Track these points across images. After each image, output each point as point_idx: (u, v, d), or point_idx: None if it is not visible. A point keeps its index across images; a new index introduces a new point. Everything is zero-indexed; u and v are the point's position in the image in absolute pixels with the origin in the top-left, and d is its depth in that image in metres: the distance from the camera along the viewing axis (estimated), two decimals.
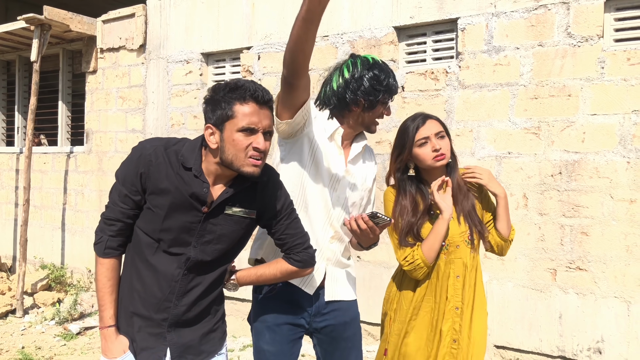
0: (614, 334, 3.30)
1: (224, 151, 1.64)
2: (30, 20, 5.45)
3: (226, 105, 1.61)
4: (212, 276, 1.77)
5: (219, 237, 1.73)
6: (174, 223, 1.68)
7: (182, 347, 1.77)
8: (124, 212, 1.72)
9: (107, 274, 1.73)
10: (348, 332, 2.12)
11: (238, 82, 1.65)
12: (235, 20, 4.86)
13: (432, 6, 3.88)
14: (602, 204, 3.32)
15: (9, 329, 5.02)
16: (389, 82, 1.97)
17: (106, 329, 1.73)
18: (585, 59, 3.37)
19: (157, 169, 1.67)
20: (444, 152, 2.03)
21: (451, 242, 2.04)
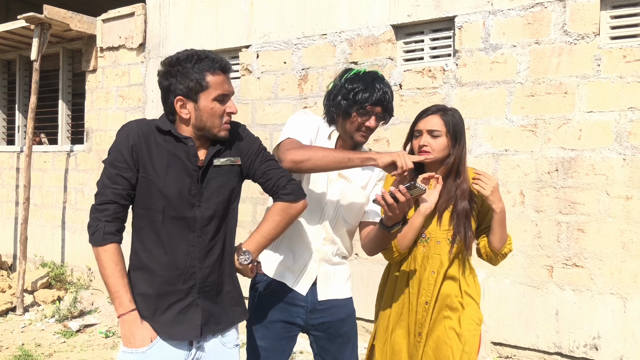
0: (610, 331, 3.31)
1: (200, 119, 1.73)
2: (31, 19, 5.47)
3: (198, 75, 1.69)
4: (223, 233, 1.82)
5: (217, 190, 1.78)
6: (176, 185, 1.72)
7: (208, 314, 1.79)
8: (116, 192, 1.70)
9: (113, 259, 1.69)
10: (344, 328, 2.16)
11: (200, 53, 1.74)
12: (234, 19, 4.88)
13: (430, 4, 3.90)
14: (599, 201, 3.34)
15: (9, 326, 5.05)
16: (362, 96, 1.99)
17: (128, 314, 1.69)
18: (582, 57, 3.38)
19: (146, 139, 1.73)
20: (428, 149, 2.04)
21: (432, 236, 2.06)
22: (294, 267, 2.09)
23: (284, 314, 2.07)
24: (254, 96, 4.76)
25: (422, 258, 2.08)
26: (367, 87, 2.01)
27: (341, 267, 2.19)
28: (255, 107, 4.76)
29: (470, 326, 2.06)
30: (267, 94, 4.69)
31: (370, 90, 2.01)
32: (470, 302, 2.09)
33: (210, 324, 1.80)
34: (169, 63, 1.74)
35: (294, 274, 2.09)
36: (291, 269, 2.09)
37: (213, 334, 1.82)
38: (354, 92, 2.01)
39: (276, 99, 4.62)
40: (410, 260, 2.10)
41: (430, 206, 2.03)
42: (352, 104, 2.01)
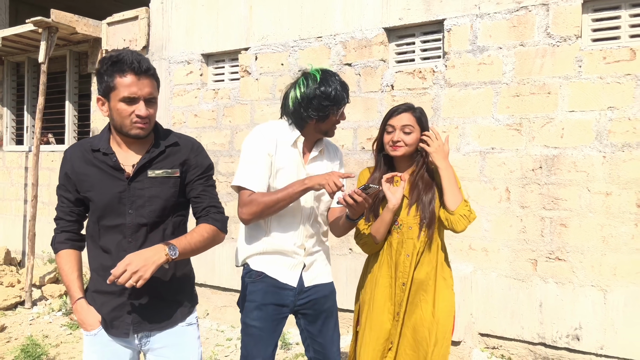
0: (591, 321, 3.45)
1: (113, 119, 1.87)
2: (38, 23, 5.66)
3: (108, 77, 1.80)
4: (157, 238, 1.91)
5: (149, 199, 1.89)
6: (105, 197, 1.87)
7: (142, 314, 1.92)
8: (62, 209, 1.97)
9: (63, 260, 1.95)
10: (327, 304, 2.41)
11: (119, 54, 1.82)
12: (234, 22, 5.05)
13: (420, 8, 4.04)
14: (580, 197, 3.47)
15: (18, 319, 5.24)
16: (336, 95, 2.20)
17: (76, 302, 1.91)
18: (564, 58, 3.51)
19: (76, 161, 1.91)
20: (400, 145, 2.23)
21: (404, 223, 2.24)
22: (283, 265, 2.30)
23: (275, 297, 2.28)
24: (252, 97, 4.92)
25: (397, 244, 2.27)
26: (336, 87, 2.21)
27: (322, 252, 2.42)
28: (254, 107, 4.92)
29: (445, 308, 2.23)
30: (265, 94, 4.85)
31: (340, 89, 2.22)
32: (445, 286, 2.26)
33: (145, 323, 1.93)
34: (98, 62, 1.89)
35: (284, 270, 2.30)
36: (281, 267, 2.30)
37: (151, 330, 1.95)
38: (333, 95, 2.19)
39: (274, 99, 4.78)
40: (387, 247, 2.29)
41: (396, 202, 2.21)
42: (331, 105, 2.20)
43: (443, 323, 2.22)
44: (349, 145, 4.39)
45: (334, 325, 2.43)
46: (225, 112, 5.14)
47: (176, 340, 1.99)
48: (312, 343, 2.41)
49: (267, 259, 2.31)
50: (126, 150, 1.91)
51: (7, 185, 7.18)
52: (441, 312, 2.23)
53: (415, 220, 2.25)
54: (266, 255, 2.31)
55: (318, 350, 2.41)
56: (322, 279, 2.39)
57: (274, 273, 2.29)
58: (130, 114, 1.81)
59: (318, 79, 2.21)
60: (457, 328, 3.71)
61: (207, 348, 4.39)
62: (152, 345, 1.98)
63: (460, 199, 2.22)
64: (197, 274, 5.38)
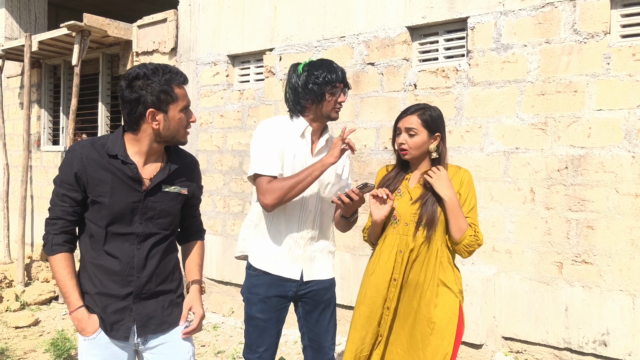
0: (619, 327, 3.33)
1: (168, 129, 1.91)
2: (72, 27, 5.85)
3: (168, 89, 1.86)
4: (163, 246, 2.00)
5: (159, 213, 1.97)
6: (119, 205, 1.89)
7: (146, 318, 1.97)
8: (63, 209, 1.90)
9: (62, 264, 1.90)
10: (327, 295, 2.47)
11: (165, 67, 1.89)
12: (259, 23, 5.09)
13: (443, 6, 3.99)
14: (608, 198, 3.36)
15: (51, 313, 5.43)
16: (325, 76, 2.25)
17: (76, 310, 1.90)
18: (591, 55, 3.41)
19: (90, 163, 1.89)
20: (405, 148, 2.23)
21: (402, 218, 2.23)
22: (285, 261, 2.36)
23: (278, 289, 2.35)
24: (277, 97, 4.95)
25: (392, 239, 2.26)
26: (329, 69, 2.28)
27: (325, 246, 2.46)
28: (278, 107, 4.95)
29: (443, 315, 2.17)
30: None
31: (334, 70, 2.29)
32: (446, 291, 2.20)
33: (150, 325, 1.99)
34: (135, 77, 1.86)
35: (286, 264, 2.35)
36: (283, 262, 2.36)
37: (154, 333, 2.01)
38: (322, 75, 2.26)
39: None
40: (382, 241, 2.31)
41: (377, 218, 2.23)
42: (323, 85, 2.26)
43: (440, 331, 2.15)
44: (371, 145, 4.37)
45: (330, 315, 2.49)
46: (250, 112, 5.19)
47: (172, 337, 2.05)
48: (307, 331, 2.48)
49: (268, 254, 2.36)
50: (145, 160, 1.96)
51: (44, 184, 7.44)
52: (439, 319, 2.16)
53: (413, 218, 2.22)
54: (268, 251, 2.36)
55: (313, 339, 2.48)
56: (324, 275, 2.44)
57: (276, 270, 2.34)
58: (187, 122, 1.95)
59: (306, 65, 2.32)
60: (479, 331, 3.65)
61: (230, 346, 4.45)
62: (149, 345, 2.03)
63: (464, 227, 2.16)
64: (223, 273, 5.47)
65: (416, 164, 2.31)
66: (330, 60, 2.39)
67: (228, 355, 4.22)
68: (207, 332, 4.82)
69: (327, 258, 2.48)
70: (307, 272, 2.38)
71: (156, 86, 1.85)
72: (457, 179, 2.25)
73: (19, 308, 5.52)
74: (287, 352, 4.29)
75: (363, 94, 4.42)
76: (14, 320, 4.99)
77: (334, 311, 2.53)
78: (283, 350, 4.35)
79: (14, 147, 7.80)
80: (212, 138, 5.50)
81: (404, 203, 2.26)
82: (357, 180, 4.44)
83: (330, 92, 2.28)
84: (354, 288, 4.32)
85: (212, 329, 4.90)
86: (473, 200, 2.23)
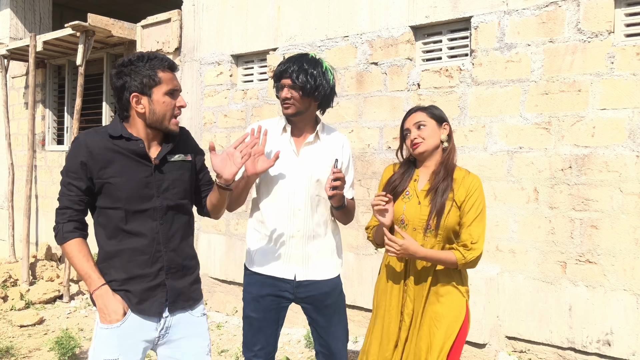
0: (623, 327, 3.33)
1: (154, 113, 1.92)
2: (76, 27, 5.87)
3: (151, 73, 1.89)
4: (183, 219, 2.05)
5: (173, 182, 2.00)
6: (131, 182, 1.92)
7: (176, 293, 2.00)
8: (70, 198, 1.93)
9: (76, 249, 1.92)
10: (328, 300, 2.40)
11: (149, 54, 1.93)
12: (262, 23, 5.10)
13: (447, 5, 3.99)
14: (612, 198, 3.36)
15: (56, 312, 5.45)
16: (277, 69, 2.32)
17: (99, 288, 1.89)
18: (595, 55, 3.40)
19: (96, 148, 1.91)
20: (417, 141, 2.22)
21: (409, 223, 2.21)
22: (277, 261, 2.34)
23: (273, 288, 2.34)
24: None
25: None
26: (281, 63, 2.31)
27: (323, 245, 2.40)
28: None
29: (450, 313, 2.18)
30: None
31: (281, 66, 2.31)
32: (453, 290, 2.21)
33: (179, 301, 2.01)
34: (121, 64, 1.92)
35: (278, 265, 2.34)
36: (275, 261, 2.34)
37: (183, 309, 2.04)
38: (275, 70, 2.34)
39: None
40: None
41: (388, 221, 2.20)
42: (275, 79, 2.34)
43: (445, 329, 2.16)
44: (374, 145, 4.38)
45: (337, 321, 2.45)
46: (253, 112, 5.20)
47: (193, 331, 2.07)
48: (317, 337, 2.47)
49: (260, 254, 2.36)
50: (147, 142, 1.99)
51: (48, 183, 7.47)
52: (445, 317, 2.17)
53: (420, 223, 2.21)
54: (260, 251, 2.36)
55: (323, 344, 2.46)
56: (321, 275, 2.38)
57: (267, 270, 2.33)
58: (174, 107, 1.95)
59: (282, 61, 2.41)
60: (483, 330, 3.65)
61: (233, 345, 4.46)
62: (170, 337, 2.03)
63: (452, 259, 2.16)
64: (227, 272, 5.47)
65: (426, 163, 2.28)
66: (301, 54, 2.38)
67: (232, 354, 4.23)
68: (210, 331, 4.82)
69: (327, 258, 2.42)
70: (301, 273, 2.35)
71: (140, 71, 1.89)
72: (464, 186, 2.20)
73: (23, 307, 5.54)
74: (291, 352, 4.30)
75: (366, 93, 4.42)
76: (18, 318, 5.01)
77: (342, 316, 2.48)
78: (287, 349, 4.36)
79: (18, 146, 7.83)
80: (216, 138, 5.51)
81: (412, 207, 2.23)
82: (360, 180, 4.44)
83: (276, 87, 2.35)
84: (357, 287, 4.33)
85: (215, 328, 4.91)
86: (480, 207, 2.18)
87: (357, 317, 4.39)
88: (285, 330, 4.69)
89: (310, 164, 2.35)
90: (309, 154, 2.36)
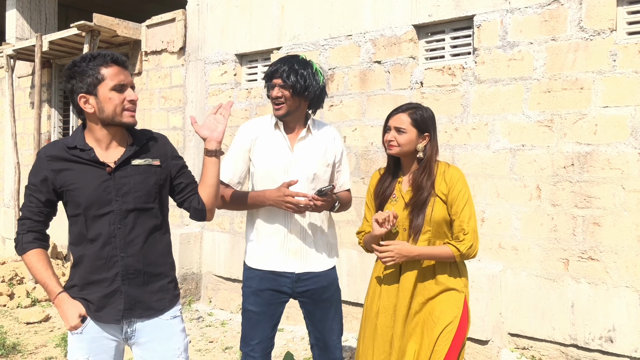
0: (625, 323, 3.34)
1: (103, 111, 1.91)
2: (82, 27, 5.92)
3: (92, 71, 1.88)
4: (148, 225, 2.00)
5: (134, 186, 1.97)
6: (89, 187, 1.91)
7: (133, 300, 1.96)
8: (30, 209, 1.95)
9: (34, 259, 1.92)
10: (326, 294, 2.45)
11: (94, 52, 1.92)
12: (266, 22, 5.13)
13: (449, 4, 4.01)
14: (614, 195, 3.37)
15: None
16: (268, 70, 2.38)
17: (57, 296, 1.90)
18: (598, 52, 3.42)
19: (54, 162, 1.92)
20: (392, 144, 2.26)
21: (399, 224, 2.27)
22: (276, 255, 2.38)
23: (272, 283, 2.37)
24: None
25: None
26: (273, 64, 2.37)
27: (320, 237, 2.46)
28: None
29: (447, 309, 2.20)
30: None
31: (272, 66, 2.36)
32: (449, 286, 2.23)
33: (136, 309, 1.98)
34: (68, 68, 1.92)
35: (277, 259, 2.38)
36: (274, 256, 2.38)
37: (140, 317, 2.00)
38: (266, 73, 2.39)
39: None
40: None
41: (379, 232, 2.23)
42: (266, 79, 2.39)
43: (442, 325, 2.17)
44: (378, 143, 4.40)
45: (333, 314, 2.49)
46: (257, 111, 5.23)
47: (161, 334, 2.03)
48: (313, 330, 2.50)
49: (259, 250, 2.40)
50: (106, 146, 1.97)
51: None
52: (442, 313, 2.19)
53: (403, 225, 2.26)
54: (258, 246, 2.40)
55: (318, 338, 2.49)
56: (319, 267, 2.43)
57: (266, 265, 2.37)
58: (123, 101, 1.91)
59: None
60: (485, 327, 3.67)
61: (237, 342, 4.48)
62: (138, 339, 2.02)
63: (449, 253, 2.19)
64: (231, 270, 5.49)
65: (406, 163, 2.33)
66: (291, 55, 2.44)
67: (236, 351, 4.26)
68: (215, 329, 4.87)
69: (325, 249, 2.47)
70: (300, 266, 2.39)
71: (84, 71, 1.88)
72: (446, 178, 2.23)
73: (29, 304, 5.59)
74: (295, 349, 4.33)
75: (370, 92, 4.45)
76: (25, 316, 5.06)
77: (338, 310, 2.53)
78: (290, 346, 4.38)
79: (24, 146, 7.89)
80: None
81: (399, 209, 2.28)
82: (363, 178, 4.47)
83: (268, 87, 2.39)
84: (360, 285, 4.35)
85: (220, 325, 4.95)
86: (465, 197, 2.20)
87: (360, 315, 4.41)
88: (289, 328, 4.72)
89: (305, 158, 2.40)
90: (303, 149, 2.41)
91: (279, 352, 4.07)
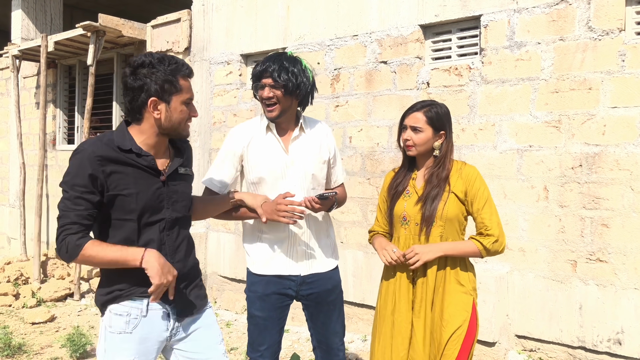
0: (634, 326, 3.31)
1: (170, 120, 1.90)
2: (87, 27, 5.92)
3: (174, 80, 1.86)
4: (185, 232, 2.05)
5: (181, 194, 2.01)
6: (145, 195, 1.88)
7: (181, 305, 1.99)
8: (79, 213, 1.78)
9: (95, 248, 1.78)
10: (330, 297, 2.43)
11: (170, 57, 1.88)
12: (272, 22, 5.12)
13: (456, 4, 3.99)
14: (623, 196, 3.34)
15: (67, 310, 5.50)
16: (255, 70, 2.30)
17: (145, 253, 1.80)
18: (606, 53, 3.39)
19: (107, 162, 1.81)
20: (410, 144, 2.25)
21: (411, 219, 2.25)
22: (280, 258, 2.36)
23: (277, 286, 2.35)
24: None
25: (405, 239, 2.26)
26: (260, 64, 2.29)
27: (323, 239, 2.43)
28: None
29: (456, 312, 2.18)
30: None
31: (260, 65, 2.28)
32: (459, 288, 2.21)
33: (184, 315, 2.02)
34: (140, 64, 1.84)
35: (281, 263, 2.35)
36: (277, 259, 2.36)
37: (192, 316, 2.06)
38: (253, 71, 2.32)
39: None
40: (396, 242, 2.31)
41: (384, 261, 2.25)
42: (252, 81, 2.31)
43: (452, 329, 2.15)
44: (383, 144, 4.38)
45: (337, 317, 2.47)
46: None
47: (201, 323, 2.08)
48: (315, 333, 2.48)
49: (262, 255, 2.36)
50: (157, 153, 1.97)
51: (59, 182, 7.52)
52: (451, 317, 2.17)
53: (415, 219, 2.24)
54: (261, 251, 2.37)
55: (321, 340, 2.47)
56: (322, 267, 2.41)
57: (270, 270, 2.34)
58: (189, 116, 1.93)
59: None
60: (492, 329, 3.65)
61: (242, 343, 4.48)
62: (180, 335, 2.03)
63: (475, 250, 2.20)
64: (236, 270, 5.46)
65: (421, 161, 2.32)
66: (278, 53, 2.37)
67: (241, 352, 4.25)
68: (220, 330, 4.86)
69: (327, 251, 2.45)
70: (305, 268, 2.36)
71: (161, 75, 1.83)
72: (462, 176, 2.23)
73: (35, 304, 5.60)
74: (300, 350, 4.32)
75: (376, 92, 4.43)
76: (30, 316, 5.06)
77: (341, 312, 2.51)
78: (296, 347, 4.37)
79: (29, 146, 7.91)
80: (226, 137, 5.54)
81: (412, 203, 2.26)
82: (369, 179, 4.45)
83: (256, 88, 2.32)
84: (366, 285, 4.33)
85: (225, 326, 4.94)
86: (485, 194, 2.21)
87: (365, 316, 4.40)
88: (295, 329, 4.70)
89: (301, 158, 2.36)
90: (297, 149, 2.37)
91: (285, 354, 4.06)
